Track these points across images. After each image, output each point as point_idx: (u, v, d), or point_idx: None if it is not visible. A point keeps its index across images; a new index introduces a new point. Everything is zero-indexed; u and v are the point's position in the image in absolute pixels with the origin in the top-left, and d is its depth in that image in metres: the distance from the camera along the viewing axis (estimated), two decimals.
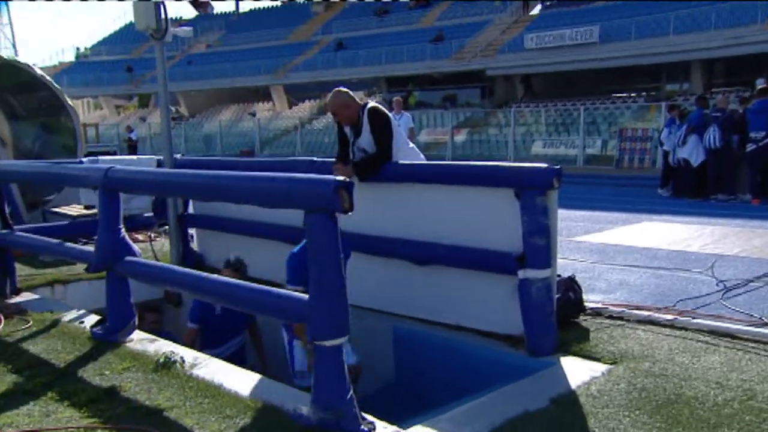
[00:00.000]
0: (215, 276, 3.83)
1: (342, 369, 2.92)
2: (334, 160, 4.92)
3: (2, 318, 4.56)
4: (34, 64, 9.19)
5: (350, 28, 37.75)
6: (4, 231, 5.31)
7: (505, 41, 29.86)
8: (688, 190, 12.25)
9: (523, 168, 4.01)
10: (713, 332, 4.01)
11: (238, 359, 4.82)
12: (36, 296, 5.35)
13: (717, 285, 5.21)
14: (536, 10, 33.52)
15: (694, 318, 4.26)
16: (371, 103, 4.76)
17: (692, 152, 11.96)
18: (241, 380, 3.47)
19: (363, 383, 4.11)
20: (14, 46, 53.87)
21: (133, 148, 27.95)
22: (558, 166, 3.83)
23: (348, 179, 2.83)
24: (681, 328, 4.11)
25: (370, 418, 2.96)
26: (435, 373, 4.29)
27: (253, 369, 4.03)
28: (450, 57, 30.51)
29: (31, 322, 4.51)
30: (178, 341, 4.51)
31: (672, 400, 3.09)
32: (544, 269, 3.80)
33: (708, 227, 8.46)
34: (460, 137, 25.47)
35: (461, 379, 4.01)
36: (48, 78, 8.86)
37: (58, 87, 9.03)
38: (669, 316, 4.29)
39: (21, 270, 5.76)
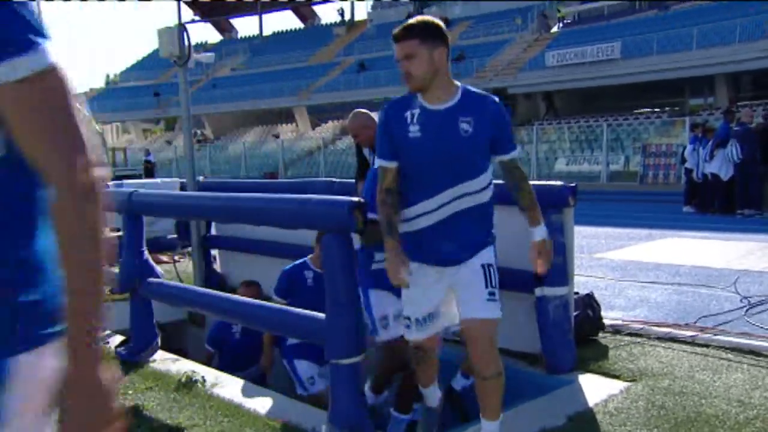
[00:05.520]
0: (235, 297, 3.93)
1: (359, 387, 2.96)
2: (353, 180, 4.98)
3: None
4: None
5: (372, 49, 38.11)
6: None
7: (527, 59, 29.91)
8: (713, 206, 12.11)
9: (538, 186, 4.01)
10: (735, 349, 3.96)
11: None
12: None
13: (740, 301, 5.13)
14: (557, 27, 33.58)
15: (715, 335, 4.22)
16: None
17: (721, 166, 11.81)
18: (260, 399, 3.52)
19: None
20: None
21: (149, 170, 28.15)
22: (573, 184, 3.84)
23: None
24: (702, 345, 4.06)
25: None
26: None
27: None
28: (472, 76, 30.62)
29: None
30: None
31: (692, 418, 3.06)
32: (561, 287, 3.80)
33: (732, 243, 8.34)
34: None
35: None
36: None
37: (87, 114, 9.31)
38: (690, 333, 4.25)
39: None
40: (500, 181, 2.83)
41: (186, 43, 5.95)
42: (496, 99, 2.63)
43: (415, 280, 2.62)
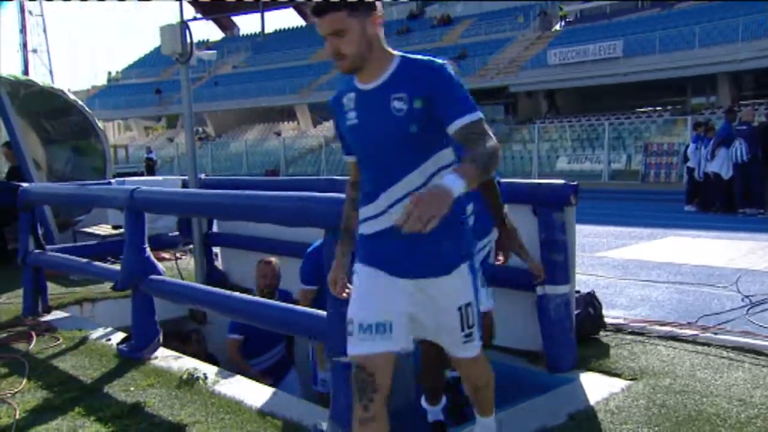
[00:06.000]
0: (237, 294, 3.92)
1: None
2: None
3: (34, 335, 4.70)
4: (68, 90, 9.48)
5: None
6: (37, 251, 5.47)
7: (529, 57, 29.86)
8: (715, 205, 12.11)
9: (540, 185, 4.03)
10: (737, 348, 3.96)
11: (284, 366, 4.88)
12: (66, 314, 5.49)
13: (742, 300, 5.14)
14: (559, 25, 33.53)
15: (717, 334, 4.22)
16: None
17: (722, 165, 11.81)
18: (262, 396, 3.53)
19: None
20: (51, 72, 55.62)
21: (151, 168, 28.28)
22: (575, 183, 3.84)
23: None
24: (703, 344, 4.06)
25: None
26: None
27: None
28: (474, 74, 30.57)
29: (61, 340, 4.64)
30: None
31: (693, 417, 3.06)
32: (563, 285, 3.80)
33: (734, 242, 8.34)
34: None
35: None
36: (80, 102, 9.13)
37: (89, 111, 9.30)
38: (691, 332, 4.25)
39: (52, 289, 5.92)
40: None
41: (188, 40, 5.95)
42: (439, 61, 2.08)
43: (370, 280, 2.20)
